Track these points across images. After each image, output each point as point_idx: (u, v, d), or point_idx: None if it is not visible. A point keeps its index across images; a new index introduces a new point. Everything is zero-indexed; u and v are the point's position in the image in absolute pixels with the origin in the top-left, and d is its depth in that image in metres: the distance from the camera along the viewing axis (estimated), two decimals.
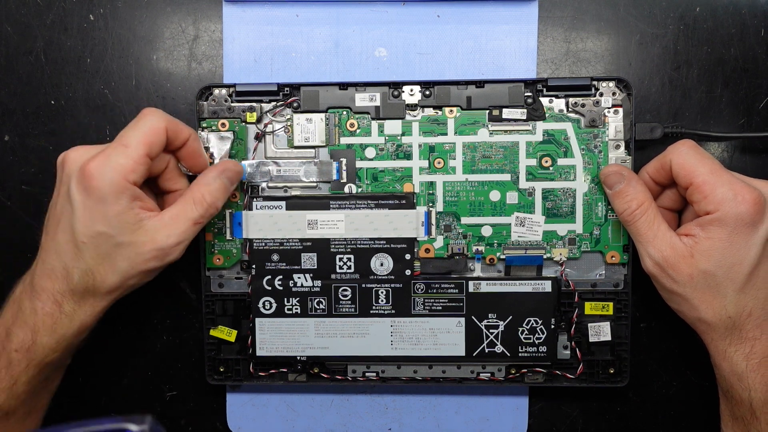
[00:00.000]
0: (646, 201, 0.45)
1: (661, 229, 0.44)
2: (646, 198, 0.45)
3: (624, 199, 0.45)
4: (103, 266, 0.42)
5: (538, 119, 0.49)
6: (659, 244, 0.44)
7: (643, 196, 0.45)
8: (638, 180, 0.46)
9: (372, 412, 0.53)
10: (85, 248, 0.42)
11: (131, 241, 0.42)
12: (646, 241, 0.44)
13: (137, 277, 0.44)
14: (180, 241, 0.43)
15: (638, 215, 0.44)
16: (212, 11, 0.51)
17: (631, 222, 0.45)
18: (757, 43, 0.50)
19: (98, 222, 0.42)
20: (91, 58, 0.51)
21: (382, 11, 0.51)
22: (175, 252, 0.44)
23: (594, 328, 0.50)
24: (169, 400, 0.53)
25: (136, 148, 0.42)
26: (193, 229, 0.44)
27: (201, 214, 0.44)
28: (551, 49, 0.50)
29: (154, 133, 0.43)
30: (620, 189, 0.46)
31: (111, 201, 0.41)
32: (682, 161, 0.44)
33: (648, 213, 0.44)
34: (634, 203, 0.45)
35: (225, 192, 0.45)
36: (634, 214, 0.45)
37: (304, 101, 0.49)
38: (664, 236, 0.44)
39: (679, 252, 0.43)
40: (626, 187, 0.45)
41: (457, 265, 0.50)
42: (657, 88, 0.50)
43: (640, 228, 0.44)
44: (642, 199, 0.45)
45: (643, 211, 0.44)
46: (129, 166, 0.42)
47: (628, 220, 0.45)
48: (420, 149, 0.50)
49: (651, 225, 0.44)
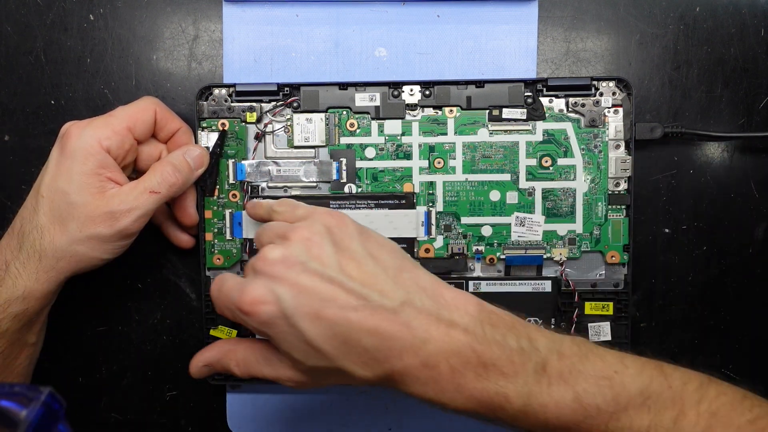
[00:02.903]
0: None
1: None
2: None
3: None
4: (54, 226, 0.43)
5: (538, 119, 0.49)
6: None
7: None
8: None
9: (372, 412, 0.53)
10: (42, 203, 0.43)
11: (85, 202, 0.43)
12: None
13: (86, 244, 0.43)
14: (132, 207, 0.43)
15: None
16: (212, 11, 0.51)
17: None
18: (757, 43, 0.50)
19: (61, 178, 0.43)
20: (91, 58, 0.51)
21: (382, 11, 0.51)
22: (126, 219, 0.43)
23: (594, 328, 0.50)
24: (169, 400, 0.53)
25: (119, 119, 0.45)
26: (148, 198, 0.44)
27: (158, 182, 0.44)
28: (551, 49, 0.50)
29: (141, 111, 0.46)
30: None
31: (79, 160, 0.43)
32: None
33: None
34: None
35: (186, 168, 0.46)
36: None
37: (304, 101, 0.49)
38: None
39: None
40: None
41: (457, 265, 0.50)
42: (657, 88, 0.50)
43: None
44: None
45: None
46: (106, 133, 0.44)
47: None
48: (420, 149, 0.50)
49: None
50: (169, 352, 0.53)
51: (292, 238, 0.38)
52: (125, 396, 0.53)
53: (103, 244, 0.44)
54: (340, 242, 0.38)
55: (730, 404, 0.36)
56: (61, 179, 0.43)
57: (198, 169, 0.47)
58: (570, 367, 0.36)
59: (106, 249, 0.44)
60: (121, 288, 0.53)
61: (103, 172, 0.43)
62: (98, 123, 0.44)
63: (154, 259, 0.52)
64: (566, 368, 0.36)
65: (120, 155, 0.45)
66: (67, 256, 0.43)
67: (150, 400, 0.53)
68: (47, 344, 0.49)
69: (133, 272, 0.52)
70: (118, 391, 0.53)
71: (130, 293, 0.53)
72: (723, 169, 0.51)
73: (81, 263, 0.44)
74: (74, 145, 0.43)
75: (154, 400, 0.53)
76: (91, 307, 0.53)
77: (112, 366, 0.53)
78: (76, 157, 0.43)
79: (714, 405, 0.36)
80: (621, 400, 0.36)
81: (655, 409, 0.36)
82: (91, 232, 0.43)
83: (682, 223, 0.51)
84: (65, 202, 0.43)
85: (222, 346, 0.43)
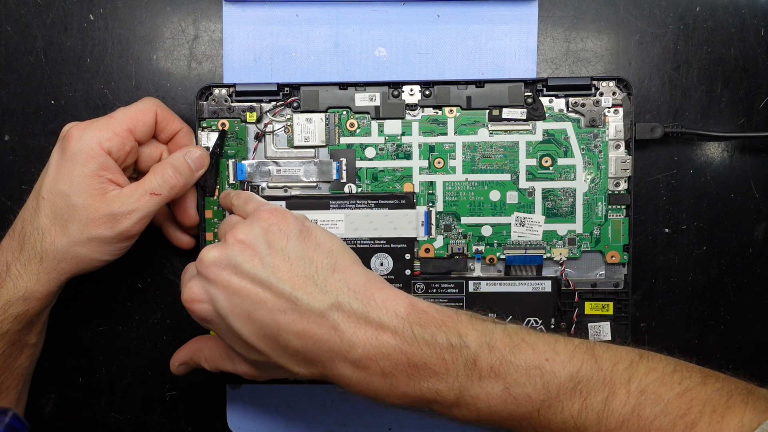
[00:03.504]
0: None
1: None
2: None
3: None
4: (54, 227, 0.43)
5: (538, 119, 0.49)
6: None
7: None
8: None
9: (372, 412, 0.53)
10: (43, 204, 0.43)
11: (86, 204, 0.43)
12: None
13: (86, 246, 0.43)
14: (132, 209, 0.43)
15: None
16: (212, 11, 0.51)
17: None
18: (757, 43, 0.50)
19: (62, 180, 0.43)
20: (91, 58, 0.51)
21: (382, 11, 0.51)
22: (127, 221, 0.43)
23: (594, 328, 0.50)
24: (169, 400, 0.53)
25: (120, 121, 0.45)
26: (149, 200, 0.44)
27: (159, 184, 0.44)
28: (551, 49, 0.50)
29: (142, 113, 0.45)
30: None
31: (80, 163, 0.43)
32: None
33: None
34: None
35: (186, 170, 0.46)
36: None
37: (304, 101, 0.49)
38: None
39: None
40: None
41: (457, 264, 0.50)
42: (657, 88, 0.50)
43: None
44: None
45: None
46: (107, 134, 0.44)
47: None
48: (420, 149, 0.50)
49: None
50: (169, 352, 0.53)
51: (228, 240, 0.40)
52: (125, 396, 0.53)
53: (104, 245, 0.44)
54: (275, 243, 0.39)
55: (660, 379, 0.36)
56: (62, 181, 0.43)
57: (198, 170, 0.47)
58: (501, 359, 0.37)
59: (106, 251, 0.44)
60: (121, 288, 0.53)
61: (104, 174, 0.43)
62: (99, 125, 0.44)
63: (154, 260, 0.52)
64: (497, 361, 0.37)
65: (121, 157, 0.45)
66: (68, 258, 0.43)
67: (150, 400, 0.53)
68: (47, 344, 0.49)
69: (133, 272, 0.52)
70: (118, 391, 0.53)
71: (130, 293, 0.53)
72: (723, 169, 0.51)
73: (82, 264, 0.44)
74: (75, 147, 0.43)
75: (154, 400, 0.53)
76: (91, 307, 0.53)
77: (112, 366, 0.53)
78: (77, 159, 0.43)
79: (644, 382, 0.36)
80: (551, 388, 0.36)
81: (586, 392, 0.36)
82: (92, 234, 0.43)
83: (682, 223, 0.51)
84: (66, 204, 0.43)
85: (192, 344, 0.46)
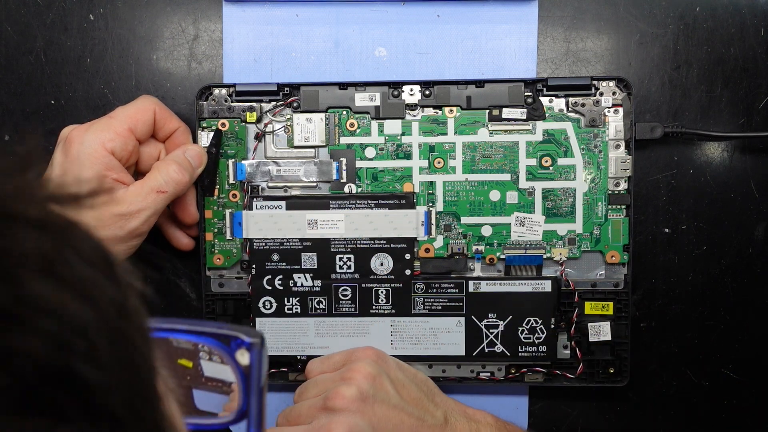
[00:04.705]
0: None
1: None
2: None
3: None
4: None
5: (538, 119, 0.49)
6: None
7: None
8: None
9: None
10: None
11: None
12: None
13: None
14: (141, 208, 0.44)
15: None
16: (212, 11, 0.51)
17: None
18: (757, 43, 0.50)
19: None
20: (91, 58, 0.51)
21: (382, 11, 0.51)
22: (136, 220, 0.44)
23: (594, 328, 0.50)
24: None
25: (120, 121, 0.45)
26: (156, 198, 0.44)
27: (165, 181, 0.45)
28: (551, 49, 0.50)
29: (141, 112, 0.46)
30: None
31: (85, 165, 0.43)
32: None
33: None
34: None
35: (189, 166, 0.46)
36: None
37: (304, 101, 0.49)
38: None
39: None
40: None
41: (457, 264, 0.50)
42: (657, 88, 0.50)
43: None
44: None
45: None
46: (108, 135, 0.44)
47: None
48: (420, 149, 0.50)
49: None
50: None
51: (355, 377, 0.44)
52: None
53: (115, 245, 0.44)
54: (389, 373, 0.45)
55: None
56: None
57: (198, 167, 0.47)
58: None
59: (118, 250, 0.44)
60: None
61: (109, 174, 0.44)
62: (100, 126, 0.44)
63: (154, 260, 0.52)
64: None
65: (124, 156, 0.45)
66: None
67: None
68: None
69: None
70: None
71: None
72: (723, 169, 0.51)
73: None
74: (78, 150, 0.43)
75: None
76: None
77: None
78: (82, 161, 0.43)
79: None
80: None
81: None
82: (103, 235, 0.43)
83: (682, 223, 0.51)
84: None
85: None
